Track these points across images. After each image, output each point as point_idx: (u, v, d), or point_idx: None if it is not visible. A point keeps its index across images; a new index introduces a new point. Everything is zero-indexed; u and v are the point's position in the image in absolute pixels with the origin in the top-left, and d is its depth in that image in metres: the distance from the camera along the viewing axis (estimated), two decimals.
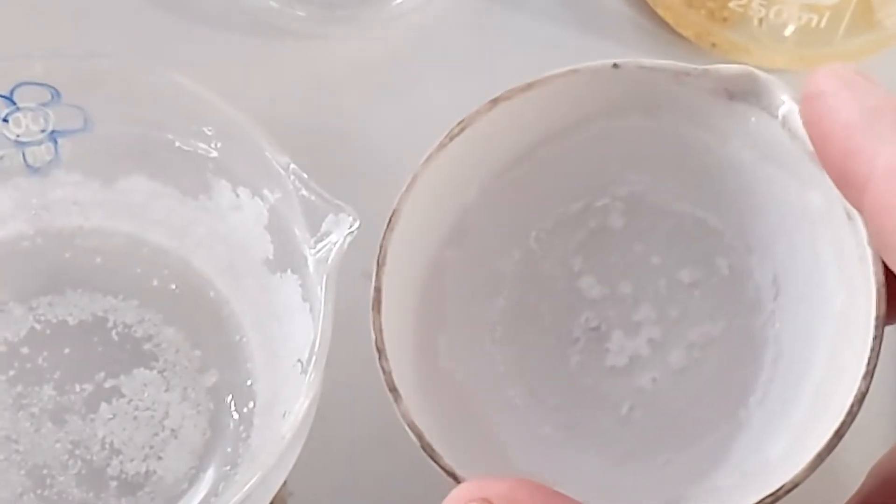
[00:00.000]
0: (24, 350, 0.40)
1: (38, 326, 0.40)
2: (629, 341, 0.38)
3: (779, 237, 0.36)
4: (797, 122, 0.33)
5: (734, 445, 0.35)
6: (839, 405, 0.30)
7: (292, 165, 0.36)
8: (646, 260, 0.38)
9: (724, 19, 0.48)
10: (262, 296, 0.40)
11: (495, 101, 0.34)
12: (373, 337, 0.33)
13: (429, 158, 0.34)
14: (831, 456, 0.30)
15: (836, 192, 0.31)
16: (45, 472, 0.38)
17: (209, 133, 0.39)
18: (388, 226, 0.34)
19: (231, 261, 0.41)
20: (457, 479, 0.31)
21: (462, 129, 0.34)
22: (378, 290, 0.33)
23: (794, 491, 0.30)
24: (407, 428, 0.32)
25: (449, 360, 0.35)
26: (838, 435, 0.30)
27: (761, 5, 0.47)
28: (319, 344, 0.34)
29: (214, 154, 0.39)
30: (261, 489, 0.33)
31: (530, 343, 0.38)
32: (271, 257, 0.39)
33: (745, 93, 0.34)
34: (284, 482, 0.35)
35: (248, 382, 0.39)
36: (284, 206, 0.37)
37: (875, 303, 0.30)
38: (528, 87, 0.35)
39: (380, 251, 0.33)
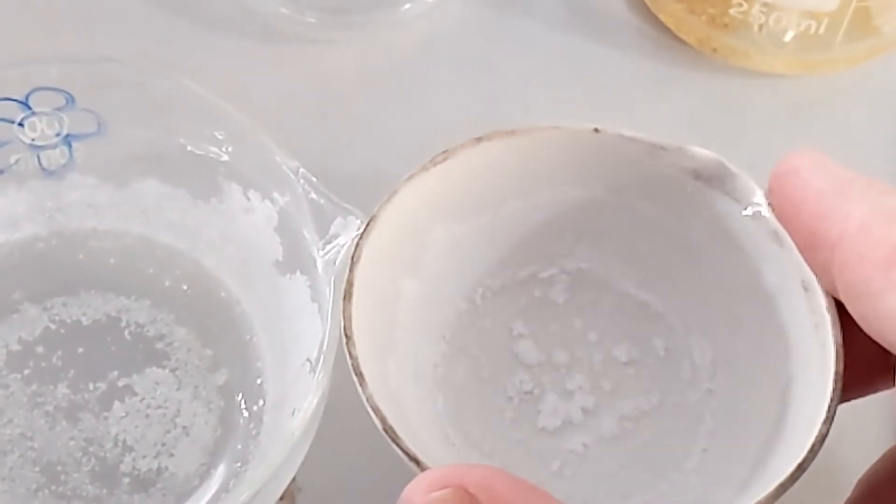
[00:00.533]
0: (39, 349, 0.40)
1: (52, 326, 0.41)
2: (562, 405, 0.38)
3: (722, 319, 0.37)
4: (762, 203, 0.34)
5: (672, 501, 0.36)
6: (795, 451, 0.31)
7: (302, 169, 0.37)
8: (583, 335, 0.39)
9: (725, 25, 0.49)
10: (272, 296, 0.40)
11: (479, 140, 0.36)
12: (342, 324, 0.33)
13: (410, 177, 0.35)
14: (826, 465, 0.31)
15: (791, 267, 0.33)
16: (59, 468, 0.38)
17: (220, 137, 0.40)
18: (365, 228, 0.34)
19: (242, 262, 0.41)
20: (419, 464, 0.31)
21: (445, 159, 0.35)
22: (350, 283, 0.34)
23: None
24: (370, 411, 0.32)
25: (397, 383, 0.36)
26: (801, 468, 0.31)
27: (761, 12, 0.47)
28: (328, 343, 0.34)
29: (225, 158, 0.40)
30: (271, 484, 0.34)
31: (467, 391, 0.38)
32: (281, 259, 0.39)
33: (711, 176, 0.35)
34: (294, 478, 0.36)
35: (259, 381, 0.40)
36: (294, 208, 0.38)
37: (834, 361, 0.32)
38: (511, 133, 0.36)
39: (355, 249, 0.34)
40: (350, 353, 0.33)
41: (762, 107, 0.50)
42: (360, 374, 0.32)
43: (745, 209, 0.35)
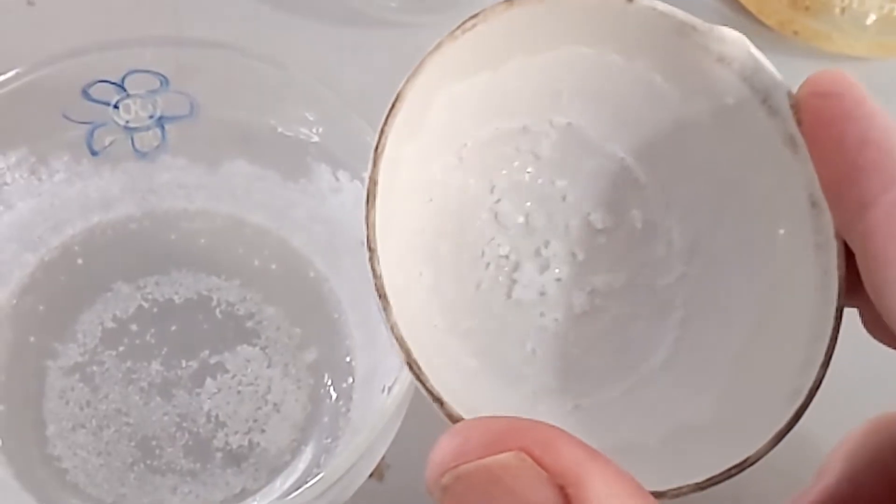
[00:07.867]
0: (133, 327, 0.41)
1: (145, 304, 0.42)
2: (538, 277, 0.37)
3: (708, 205, 0.36)
4: (784, 104, 0.32)
5: (642, 401, 0.35)
6: (781, 383, 0.30)
7: None
8: (562, 195, 0.37)
9: (807, 8, 0.49)
10: (360, 275, 0.40)
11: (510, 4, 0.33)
12: (365, 233, 0.31)
13: (439, 45, 0.33)
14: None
15: (800, 178, 0.31)
16: (153, 443, 0.39)
17: (311, 118, 0.40)
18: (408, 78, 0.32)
19: (330, 241, 0.42)
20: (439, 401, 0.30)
21: (474, 25, 0.33)
22: (374, 182, 0.31)
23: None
24: (396, 342, 0.31)
25: (396, 274, 0.34)
26: (797, 417, 0.30)
27: None
28: None
29: (316, 139, 0.40)
30: (364, 460, 0.34)
31: (447, 255, 0.36)
32: None
33: (734, 60, 0.33)
34: (383, 455, 0.36)
35: (347, 359, 0.41)
36: None
37: (837, 295, 0.31)
38: None
39: (380, 135, 0.32)
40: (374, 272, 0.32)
41: None
42: (374, 269, 0.31)
43: (762, 103, 0.33)
